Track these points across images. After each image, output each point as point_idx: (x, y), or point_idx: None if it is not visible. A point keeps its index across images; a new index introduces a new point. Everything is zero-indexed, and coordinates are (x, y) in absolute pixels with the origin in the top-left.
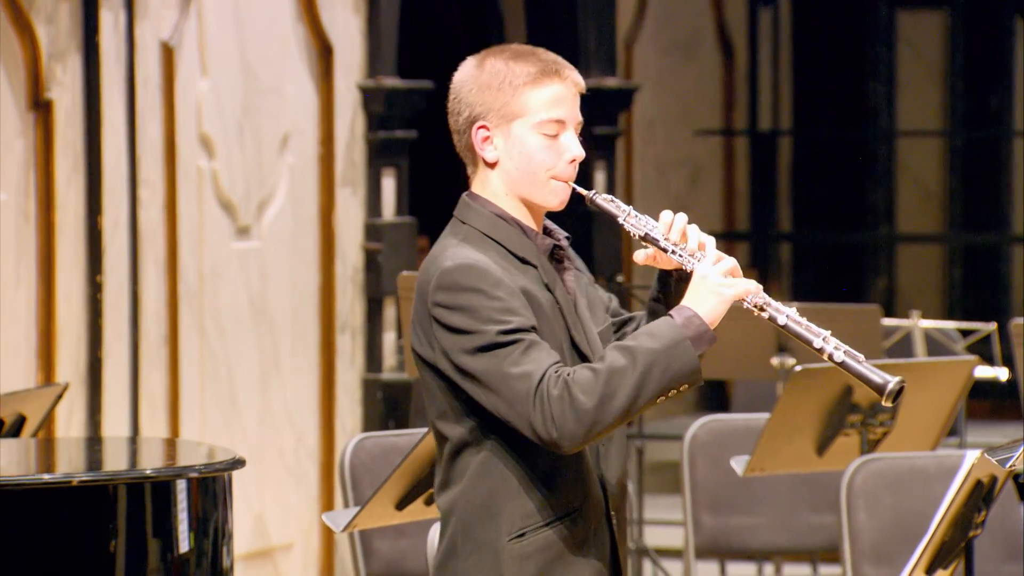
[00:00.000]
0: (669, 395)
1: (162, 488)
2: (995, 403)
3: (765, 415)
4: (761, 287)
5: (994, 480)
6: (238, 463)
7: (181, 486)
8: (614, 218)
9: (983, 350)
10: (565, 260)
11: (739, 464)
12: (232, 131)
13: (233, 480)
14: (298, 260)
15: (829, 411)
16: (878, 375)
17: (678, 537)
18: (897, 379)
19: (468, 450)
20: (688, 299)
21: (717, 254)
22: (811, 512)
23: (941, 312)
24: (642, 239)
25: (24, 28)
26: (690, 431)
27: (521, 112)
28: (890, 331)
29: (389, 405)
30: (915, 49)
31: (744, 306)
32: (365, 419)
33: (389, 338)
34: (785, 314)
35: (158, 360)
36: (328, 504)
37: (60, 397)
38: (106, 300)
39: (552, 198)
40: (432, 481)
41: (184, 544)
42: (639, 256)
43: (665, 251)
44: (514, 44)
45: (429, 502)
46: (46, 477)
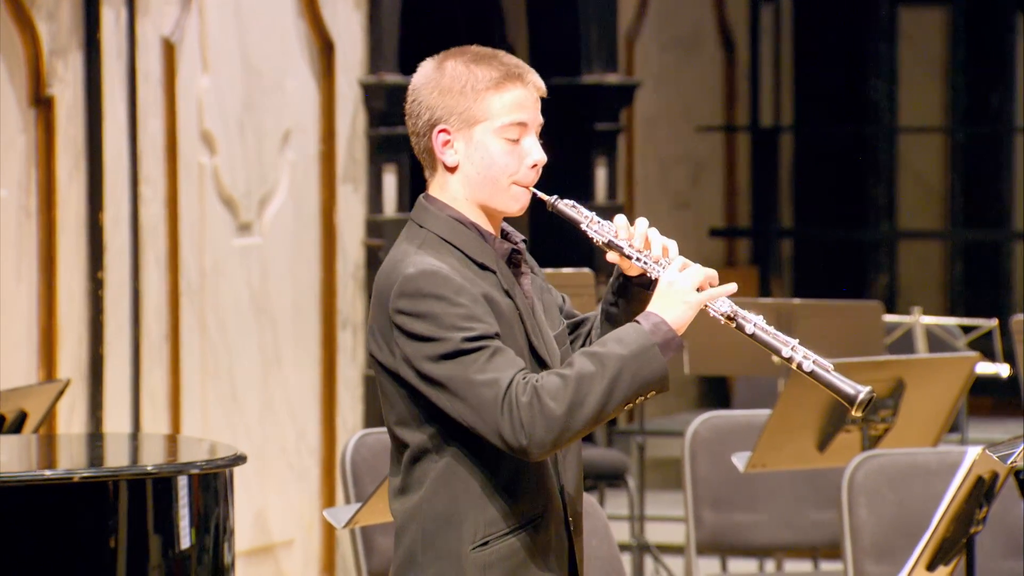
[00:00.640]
0: (637, 401)
1: (163, 484)
2: (996, 399)
3: (766, 411)
4: (732, 287)
5: (995, 476)
6: (239, 459)
7: (182, 482)
8: (576, 224)
9: (984, 346)
10: (522, 264)
11: (740, 460)
12: (233, 127)
13: (234, 476)
14: (299, 256)
15: (830, 407)
16: (848, 385)
17: (679, 533)
18: (867, 389)
19: (428, 457)
20: (655, 305)
21: (683, 260)
22: (812, 508)
23: (942, 308)
24: (605, 246)
25: (25, 24)
26: (691, 427)
27: (483, 116)
28: (891, 327)
29: None
30: (916, 45)
31: (711, 315)
32: (366, 415)
33: None
34: (753, 323)
35: (159, 356)
36: (329, 500)
37: (61, 393)
38: (107, 296)
39: (513, 203)
40: None
41: (185, 540)
42: (611, 256)
43: (629, 258)
44: (473, 46)
45: None
46: (48, 473)
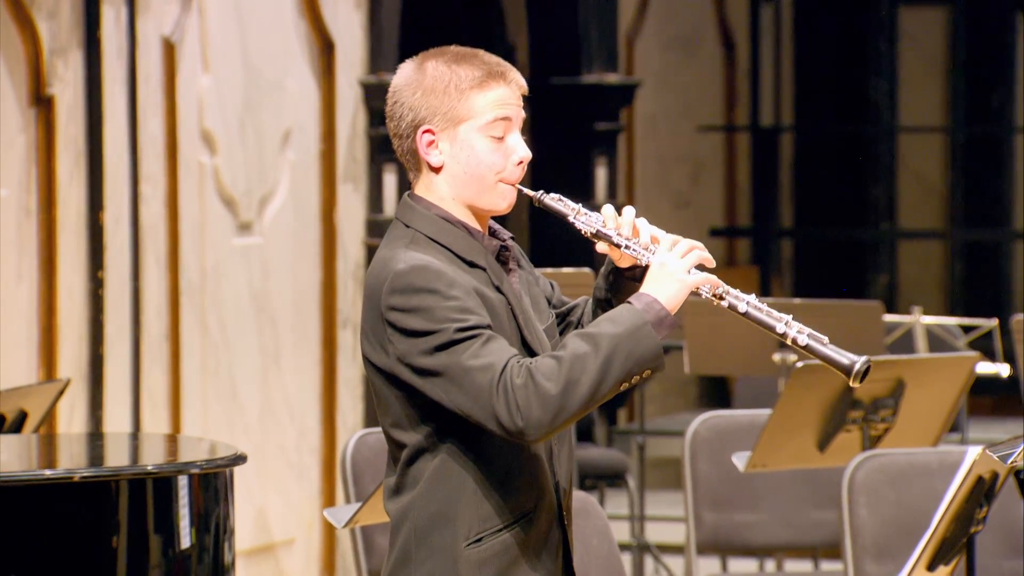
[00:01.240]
0: (632, 381)
1: (164, 484)
2: (997, 399)
3: (767, 411)
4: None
5: (996, 476)
6: (239, 459)
7: (183, 482)
8: (564, 217)
9: (985, 346)
10: (510, 261)
11: (741, 460)
12: (234, 127)
13: (235, 476)
14: (299, 256)
15: (831, 407)
16: (844, 356)
17: (679, 533)
18: (863, 359)
19: (423, 456)
20: (647, 286)
21: (672, 238)
22: (813, 508)
23: (943, 308)
24: (593, 236)
25: (25, 23)
26: (692, 427)
27: (468, 115)
28: (892, 327)
29: None
30: (917, 45)
31: (703, 297)
32: (367, 415)
33: None
34: (745, 301)
35: (159, 356)
36: (330, 500)
37: (62, 393)
38: (107, 296)
39: (500, 201)
40: None
41: (186, 540)
42: (600, 246)
43: (618, 247)
44: (452, 47)
45: None
46: (48, 473)
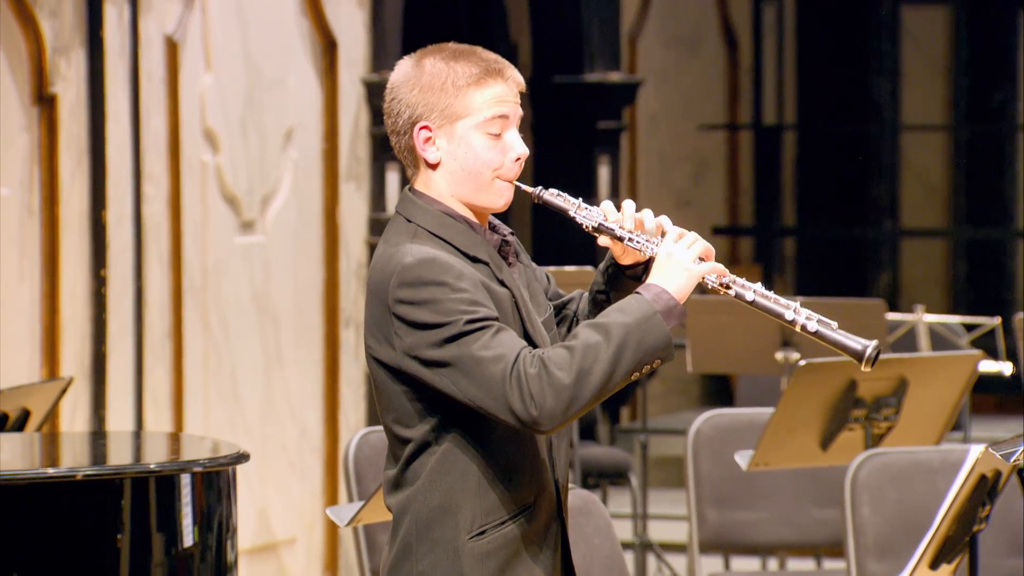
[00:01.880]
0: (643, 370)
1: (166, 482)
2: (999, 397)
3: (769, 410)
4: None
5: (998, 475)
6: (242, 457)
7: (185, 480)
8: (564, 212)
9: (987, 344)
10: (510, 256)
11: (743, 459)
12: (236, 126)
13: (237, 474)
14: (302, 255)
15: (833, 406)
16: (855, 341)
17: (682, 532)
18: (873, 343)
19: (426, 451)
20: (655, 276)
21: (678, 231)
22: (815, 507)
23: (945, 307)
24: (594, 231)
25: (28, 22)
26: (694, 426)
27: (465, 112)
28: (894, 326)
29: None
30: (919, 44)
31: (709, 286)
32: (369, 413)
33: None
34: (752, 290)
35: (162, 354)
36: (332, 498)
37: (64, 391)
38: (110, 295)
39: (497, 198)
40: None
41: (188, 538)
42: (602, 240)
43: (621, 240)
44: (450, 44)
45: None
46: (51, 471)
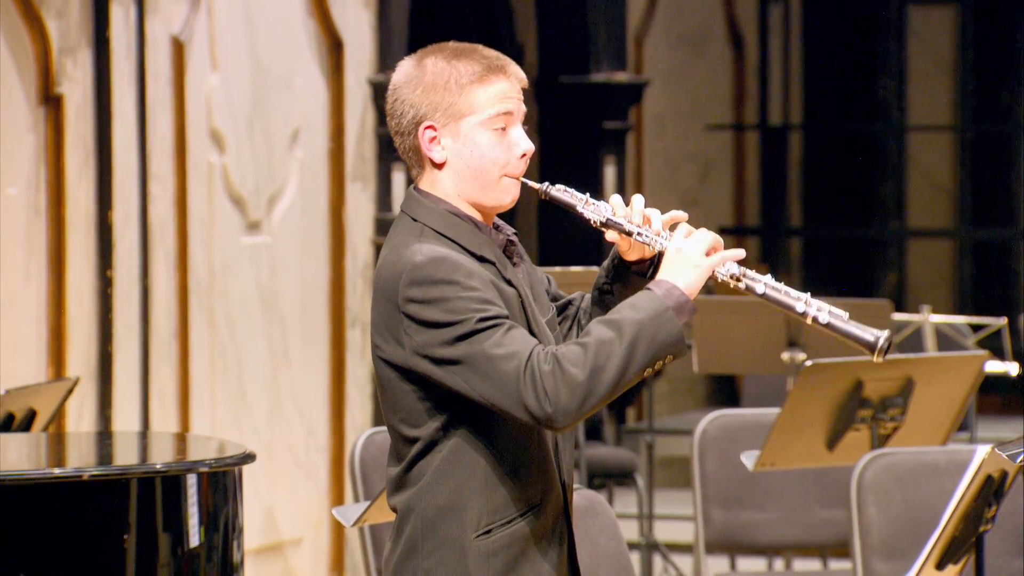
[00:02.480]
0: (656, 367)
1: (173, 483)
2: (1005, 398)
3: (775, 410)
4: (740, 253)
5: (1004, 475)
6: (248, 458)
7: (192, 481)
8: (571, 208)
9: (993, 345)
10: (515, 255)
11: (749, 459)
12: (242, 126)
13: (243, 475)
14: (308, 255)
15: (839, 406)
16: (867, 332)
17: (688, 532)
18: (885, 334)
19: (433, 450)
20: (665, 272)
21: (688, 228)
22: (821, 507)
23: (951, 307)
24: (602, 226)
25: (34, 22)
26: (700, 426)
27: (469, 110)
28: (900, 326)
29: None
30: (925, 43)
31: (720, 279)
32: (375, 413)
33: None
34: (763, 282)
35: (168, 355)
36: (338, 499)
37: (71, 392)
38: (116, 295)
39: (504, 196)
40: None
41: (195, 538)
42: (610, 235)
43: (630, 234)
44: (450, 42)
45: None
46: (57, 472)
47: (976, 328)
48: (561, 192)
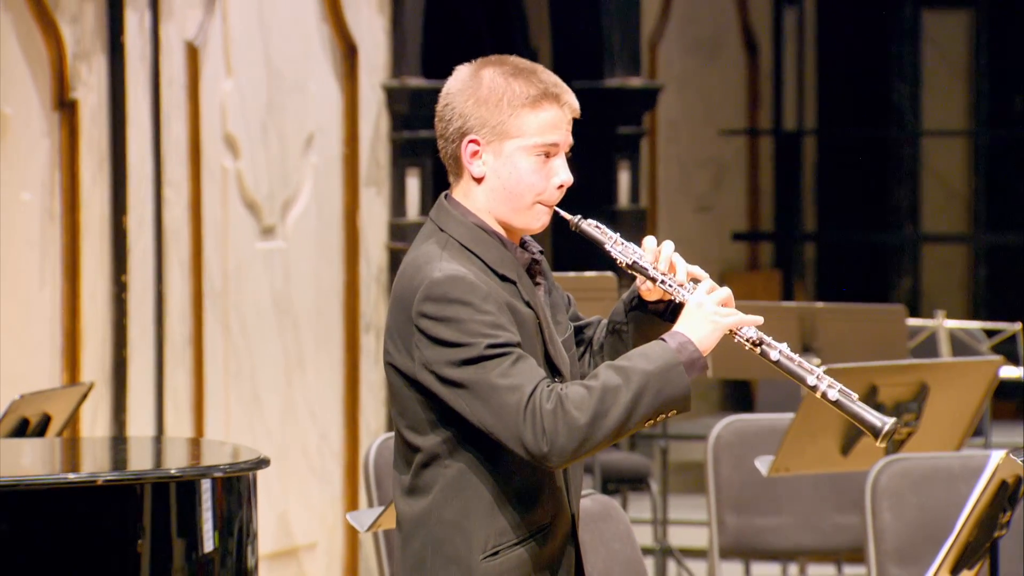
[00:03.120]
0: (658, 419)
1: (187, 487)
2: (1020, 403)
3: (790, 415)
4: (758, 320)
5: (1019, 480)
6: (262, 462)
7: (206, 485)
8: (600, 245)
9: (1008, 350)
10: (538, 275)
11: (763, 464)
12: (256, 131)
13: (257, 479)
14: (322, 260)
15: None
16: (874, 416)
17: (702, 537)
18: (891, 421)
19: (439, 462)
20: (682, 325)
21: (711, 284)
22: (836, 512)
23: (966, 312)
24: (628, 268)
25: (49, 28)
26: (714, 431)
27: (516, 133)
28: (915, 331)
29: None
30: (940, 48)
31: (736, 340)
32: (389, 419)
33: None
34: (778, 350)
35: (183, 359)
36: (352, 503)
37: (85, 396)
38: (131, 300)
39: (534, 222)
40: None
41: (209, 543)
42: (639, 280)
43: (654, 280)
44: (512, 57)
45: None
46: (71, 477)
47: (990, 333)
48: (592, 228)
